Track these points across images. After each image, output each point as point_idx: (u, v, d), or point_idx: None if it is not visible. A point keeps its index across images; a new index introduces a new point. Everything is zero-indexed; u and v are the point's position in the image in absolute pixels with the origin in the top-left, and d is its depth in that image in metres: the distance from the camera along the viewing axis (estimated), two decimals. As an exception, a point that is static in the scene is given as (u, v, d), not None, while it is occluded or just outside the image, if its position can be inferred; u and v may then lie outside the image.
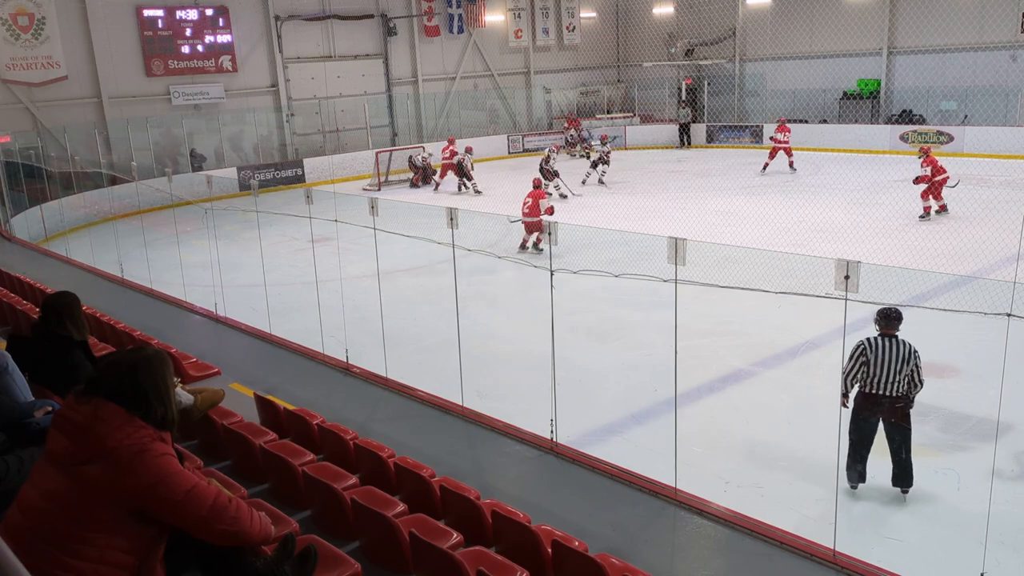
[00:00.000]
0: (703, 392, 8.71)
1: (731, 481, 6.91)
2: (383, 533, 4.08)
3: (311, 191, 9.86)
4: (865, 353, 6.47)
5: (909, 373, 6.43)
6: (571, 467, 6.45)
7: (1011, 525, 5.88)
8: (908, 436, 6.57)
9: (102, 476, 2.49)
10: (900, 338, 6.48)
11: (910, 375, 6.44)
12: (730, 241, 11.92)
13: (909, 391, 6.51)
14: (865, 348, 6.47)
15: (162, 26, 24.54)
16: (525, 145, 30.83)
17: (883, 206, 16.80)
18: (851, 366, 6.55)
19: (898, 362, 6.39)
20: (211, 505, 2.61)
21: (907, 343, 6.46)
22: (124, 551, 2.54)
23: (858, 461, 6.66)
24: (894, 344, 6.43)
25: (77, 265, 14.75)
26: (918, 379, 6.49)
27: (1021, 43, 24.76)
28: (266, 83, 27.13)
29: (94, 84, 23.55)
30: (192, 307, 11.53)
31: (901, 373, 6.40)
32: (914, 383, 6.49)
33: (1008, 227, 14.06)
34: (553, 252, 6.78)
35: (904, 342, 6.45)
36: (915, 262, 11.99)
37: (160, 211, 15.95)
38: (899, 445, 6.55)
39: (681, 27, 32.76)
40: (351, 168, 26.34)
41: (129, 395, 2.61)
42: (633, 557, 4.90)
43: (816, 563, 5.09)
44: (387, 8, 29.26)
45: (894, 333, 6.50)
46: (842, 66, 28.22)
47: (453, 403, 7.64)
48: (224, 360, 8.51)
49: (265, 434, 5.53)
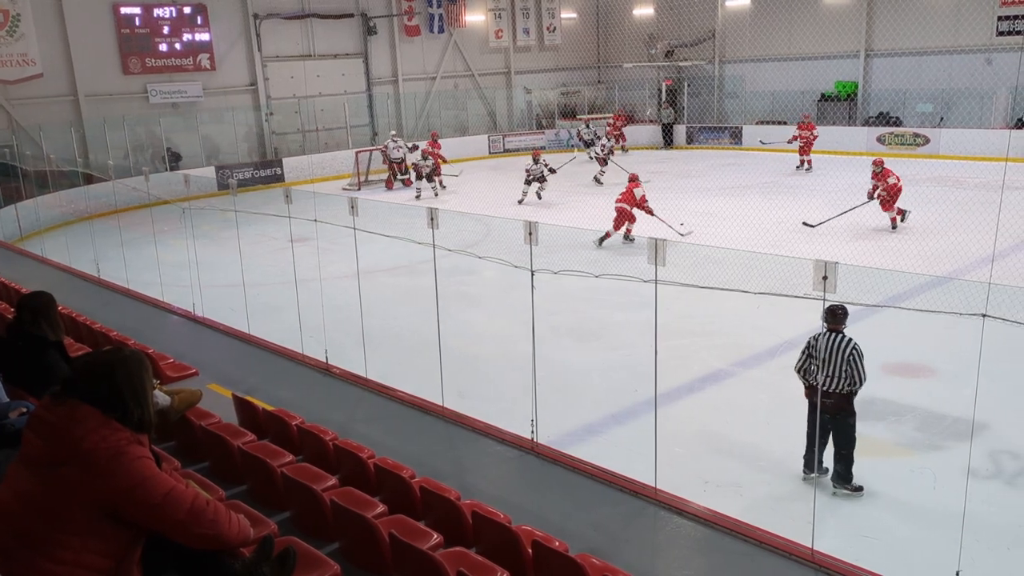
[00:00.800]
0: (683, 392, 8.74)
1: (711, 481, 6.94)
2: (363, 534, 4.06)
3: (290, 190, 9.81)
4: (810, 346, 6.71)
5: (849, 369, 6.53)
6: (552, 467, 6.45)
7: (986, 524, 5.94)
8: (849, 432, 6.65)
9: (78, 479, 2.46)
10: (845, 335, 6.61)
11: (850, 371, 6.53)
12: (710, 242, 11.98)
13: (851, 387, 6.60)
14: (810, 342, 6.71)
15: (139, 24, 24.32)
16: (506, 145, 30.83)
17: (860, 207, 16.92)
18: (799, 359, 6.83)
19: (837, 357, 6.53)
20: (189, 508, 2.58)
21: (850, 340, 6.58)
22: (100, 554, 2.51)
23: (810, 451, 6.85)
24: (836, 339, 6.57)
25: (53, 265, 14.59)
26: (859, 376, 6.56)
27: (996, 46, 25.07)
28: (245, 82, 26.96)
29: (70, 82, 23.31)
30: (170, 307, 11.43)
31: (841, 368, 6.52)
32: (854, 379, 6.57)
33: (983, 229, 14.23)
34: (534, 252, 6.77)
35: (848, 338, 6.59)
36: (892, 263, 12.10)
37: (137, 210, 15.82)
38: (839, 440, 6.67)
39: (661, 28, 32.90)
40: (331, 168, 26.25)
41: (105, 397, 2.57)
42: (613, 557, 4.91)
43: (795, 562, 5.12)
44: (367, 7, 29.18)
45: (840, 329, 6.63)
46: (820, 68, 28.44)
47: (433, 403, 7.62)
48: (202, 361, 8.44)
49: (243, 435, 5.49)
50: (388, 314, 11.30)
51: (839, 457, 6.68)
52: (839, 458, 6.68)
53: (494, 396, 8.63)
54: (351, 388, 8.32)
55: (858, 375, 6.55)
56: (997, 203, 8.40)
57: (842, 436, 6.64)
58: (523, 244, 6.71)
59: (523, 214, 14.36)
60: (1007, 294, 5.89)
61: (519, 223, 6.72)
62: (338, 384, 8.45)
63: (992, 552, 5.76)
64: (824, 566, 5.04)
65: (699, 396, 8.82)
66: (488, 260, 8.71)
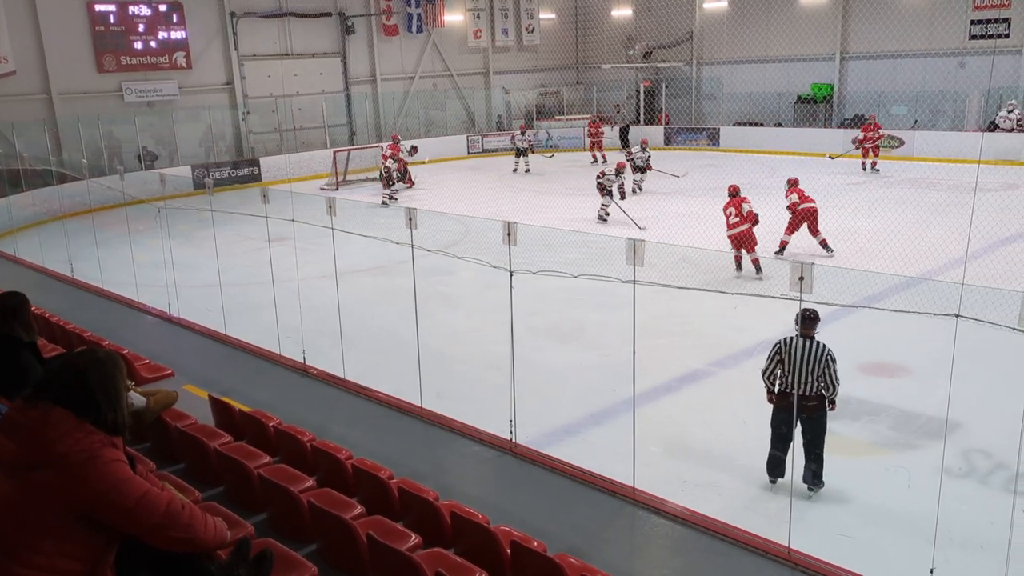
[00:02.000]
0: (661, 392, 8.78)
1: (688, 480, 6.97)
2: (341, 535, 4.05)
3: (267, 190, 9.75)
4: (780, 352, 6.63)
5: (822, 374, 6.52)
6: (530, 467, 6.46)
7: (959, 522, 6.01)
8: (820, 435, 6.65)
9: (50, 482, 2.43)
10: (817, 340, 6.60)
11: (823, 376, 6.53)
12: (688, 243, 12.03)
13: (823, 391, 6.59)
14: (780, 347, 6.64)
15: (114, 21, 24.07)
16: (484, 146, 30.83)
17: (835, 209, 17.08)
18: (767, 365, 6.74)
19: (811, 362, 6.51)
20: (164, 512, 2.56)
21: (823, 345, 6.57)
22: (74, 558, 2.48)
23: (776, 456, 6.79)
24: (809, 345, 6.55)
25: (25, 264, 14.42)
26: (831, 381, 6.56)
27: (969, 50, 25.39)
28: (221, 80, 26.76)
29: (43, 80, 23.01)
30: (145, 307, 11.33)
31: (814, 373, 6.51)
32: (827, 384, 6.57)
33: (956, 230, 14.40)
34: (512, 252, 6.78)
35: (820, 344, 6.57)
36: (866, 264, 12.21)
37: (112, 210, 15.66)
38: (810, 444, 6.66)
39: (639, 30, 33.05)
40: (308, 167, 26.08)
41: (79, 399, 2.54)
42: (592, 557, 4.92)
43: (771, 560, 5.16)
44: (345, 6, 29.06)
45: (811, 334, 6.61)
46: (796, 70, 28.68)
47: (412, 404, 7.61)
48: (178, 361, 8.38)
49: (220, 436, 5.46)
50: (366, 314, 11.26)
51: (814, 457, 6.68)
52: (814, 458, 6.68)
53: (472, 396, 8.62)
54: (329, 389, 8.29)
55: (831, 381, 6.56)
56: (970, 205, 8.50)
57: (817, 435, 6.64)
58: (501, 244, 6.71)
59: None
60: (980, 295, 5.97)
61: (497, 223, 6.72)
62: (316, 385, 8.41)
63: (965, 550, 5.83)
64: (801, 565, 5.08)
65: (677, 396, 8.86)
66: (466, 260, 8.70)
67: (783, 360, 6.61)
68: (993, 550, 5.50)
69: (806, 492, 6.71)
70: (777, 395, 6.75)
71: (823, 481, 6.71)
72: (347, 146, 27.23)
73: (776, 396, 6.76)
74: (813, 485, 6.72)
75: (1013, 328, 4.68)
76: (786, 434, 6.65)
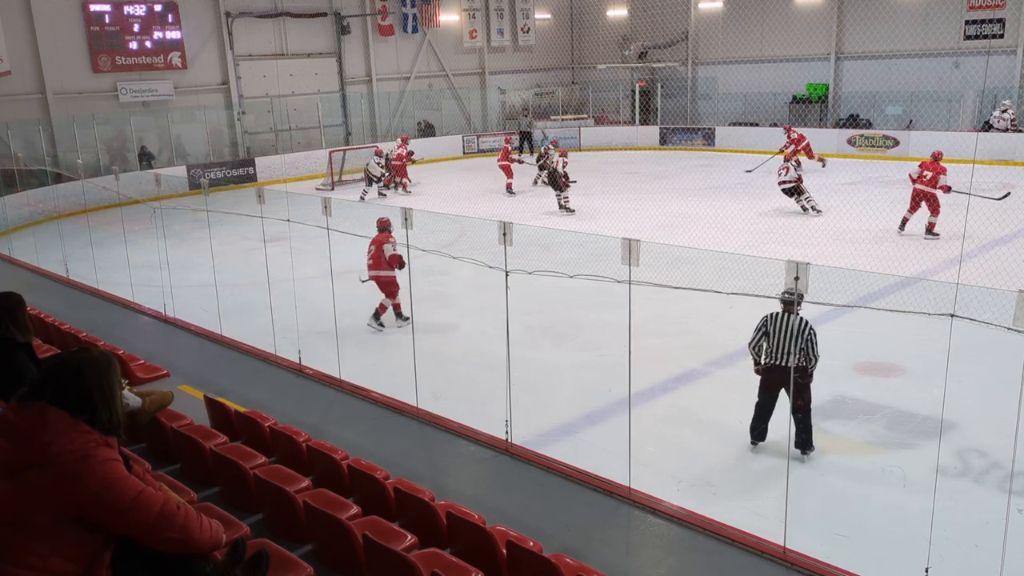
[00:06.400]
0: (657, 392, 8.78)
1: (684, 480, 6.98)
2: (336, 536, 4.04)
3: (263, 190, 9.74)
4: (767, 324, 7.11)
5: (804, 347, 6.95)
6: (526, 467, 6.46)
7: (954, 521, 6.01)
8: (807, 403, 7.10)
9: (45, 483, 2.43)
10: (800, 315, 7.02)
11: (805, 349, 6.96)
12: (683, 243, 12.04)
13: (806, 364, 7.03)
14: (767, 320, 7.13)
15: (109, 21, 24.05)
16: (480, 145, 30.81)
17: (831, 209, 17.12)
18: (754, 336, 7.23)
19: (794, 335, 6.95)
20: (158, 512, 2.55)
21: (804, 320, 7.01)
22: (68, 559, 2.47)
23: (759, 422, 7.34)
24: (792, 320, 6.99)
25: (20, 265, 14.38)
26: (812, 353, 7.01)
27: (964, 50, 25.46)
28: (217, 80, 26.73)
29: (38, 80, 22.97)
30: (140, 308, 11.32)
31: (796, 346, 6.94)
32: (809, 357, 7.01)
33: (950, 230, 14.46)
34: (508, 252, 6.78)
35: (802, 319, 7.01)
36: (862, 264, 12.23)
37: (107, 210, 15.63)
38: (800, 404, 7.04)
39: (635, 30, 33.07)
40: (304, 167, 26.07)
41: (73, 399, 2.54)
42: (588, 557, 4.92)
43: (767, 560, 5.17)
44: (340, 6, 29.04)
45: (795, 311, 7.03)
46: (792, 71, 28.73)
47: (407, 404, 7.60)
48: (173, 362, 8.37)
49: (215, 437, 5.45)
50: (362, 315, 11.25)
51: (802, 426, 7.08)
52: (803, 427, 7.08)
53: (468, 396, 8.62)
54: (324, 389, 8.28)
55: (812, 353, 6.99)
56: (965, 205, 8.52)
57: (802, 399, 7.03)
58: (497, 244, 6.71)
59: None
60: (974, 294, 5.99)
61: (494, 223, 6.72)
62: (311, 385, 8.40)
63: (960, 549, 5.84)
64: (796, 564, 5.09)
65: (673, 396, 8.86)
66: (462, 260, 8.70)
67: (768, 332, 7.09)
68: (988, 549, 5.51)
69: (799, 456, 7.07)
70: (766, 366, 7.23)
71: (813, 445, 7.16)
72: (343, 146, 27.19)
73: (765, 367, 7.24)
74: (805, 451, 7.15)
75: (1008, 328, 4.69)
76: (770, 402, 7.22)
